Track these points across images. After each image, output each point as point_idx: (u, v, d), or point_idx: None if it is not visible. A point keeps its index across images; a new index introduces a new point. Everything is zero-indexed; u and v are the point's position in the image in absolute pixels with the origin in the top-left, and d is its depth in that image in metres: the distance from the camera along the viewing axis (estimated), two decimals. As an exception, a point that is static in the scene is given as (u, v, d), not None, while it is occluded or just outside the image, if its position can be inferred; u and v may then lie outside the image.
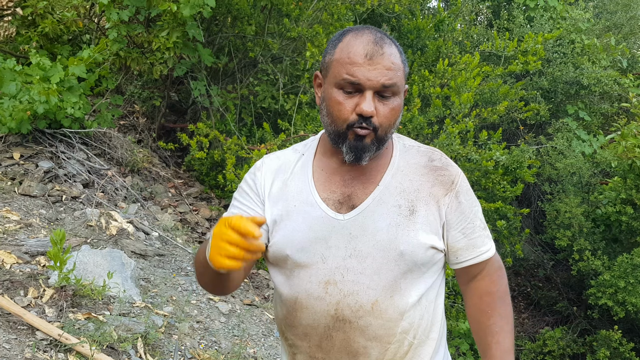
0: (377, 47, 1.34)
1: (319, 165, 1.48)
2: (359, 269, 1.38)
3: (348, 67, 1.33)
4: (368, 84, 1.33)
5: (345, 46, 1.37)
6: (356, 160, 1.38)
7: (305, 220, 1.41)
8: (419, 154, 1.49)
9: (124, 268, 3.53)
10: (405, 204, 1.40)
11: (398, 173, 1.44)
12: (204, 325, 3.65)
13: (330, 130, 1.40)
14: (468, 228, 1.45)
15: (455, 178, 1.45)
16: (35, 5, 5.63)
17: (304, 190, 1.45)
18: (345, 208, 1.41)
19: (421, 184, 1.43)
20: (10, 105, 4.39)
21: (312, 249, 1.40)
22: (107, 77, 5.43)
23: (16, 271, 3.12)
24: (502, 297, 1.49)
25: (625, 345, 5.54)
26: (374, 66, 1.33)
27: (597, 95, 7.04)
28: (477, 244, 1.46)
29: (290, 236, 1.42)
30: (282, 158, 1.54)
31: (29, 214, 3.98)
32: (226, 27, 6.03)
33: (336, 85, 1.36)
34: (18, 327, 2.70)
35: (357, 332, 1.38)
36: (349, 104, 1.35)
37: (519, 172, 5.58)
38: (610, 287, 5.40)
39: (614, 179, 5.86)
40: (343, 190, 1.43)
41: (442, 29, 6.61)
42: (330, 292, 1.38)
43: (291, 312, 1.44)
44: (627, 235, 5.93)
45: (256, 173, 1.52)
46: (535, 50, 5.83)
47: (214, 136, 5.31)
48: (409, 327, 1.40)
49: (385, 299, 1.38)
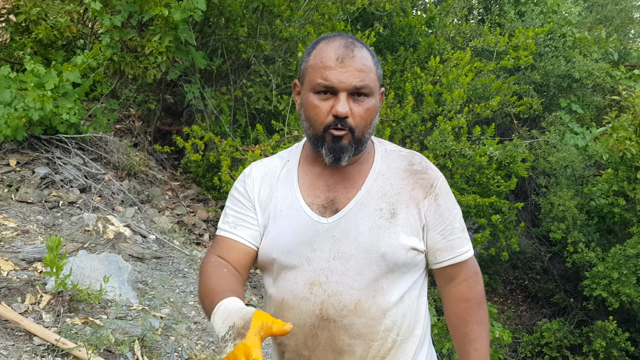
0: (347, 50, 1.40)
1: (303, 171, 1.54)
2: (343, 270, 1.43)
3: (321, 72, 1.40)
4: (341, 86, 1.39)
5: (318, 52, 1.44)
6: (335, 161, 1.43)
7: (290, 225, 1.47)
8: (399, 158, 1.55)
9: (120, 272, 3.58)
10: (387, 207, 1.45)
11: (379, 177, 1.50)
12: (201, 326, 3.70)
13: (310, 134, 1.46)
14: (447, 230, 1.50)
15: (435, 181, 1.51)
16: (29, 12, 5.67)
17: (289, 195, 1.51)
18: (329, 212, 1.47)
19: (402, 187, 1.48)
20: (6, 112, 4.44)
21: (297, 252, 1.45)
22: (101, 82, 5.48)
23: (13, 278, 3.17)
24: (478, 303, 1.55)
25: (621, 335, 5.59)
26: (345, 69, 1.39)
27: (590, 88, 7.09)
28: (455, 245, 1.51)
29: (277, 240, 1.48)
30: (269, 165, 1.60)
31: (26, 221, 4.02)
32: (219, 29, 6.07)
33: (312, 90, 1.42)
34: (15, 334, 2.76)
35: (341, 330, 1.43)
36: (324, 107, 1.41)
37: (513, 166, 5.62)
38: (604, 278, 5.45)
39: (606, 171, 5.90)
40: (327, 195, 1.49)
41: (434, 26, 6.64)
42: (315, 292, 1.43)
43: (278, 313, 1.49)
44: (621, 226, 5.98)
45: (246, 180, 1.58)
46: (526, 45, 5.86)
47: (209, 138, 5.36)
48: (392, 325, 1.46)
49: (368, 299, 1.43)
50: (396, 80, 6.10)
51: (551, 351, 6.15)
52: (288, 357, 1.52)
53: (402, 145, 5.61)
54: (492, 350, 5.04)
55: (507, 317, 6.93)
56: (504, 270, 7.60)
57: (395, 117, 5.45)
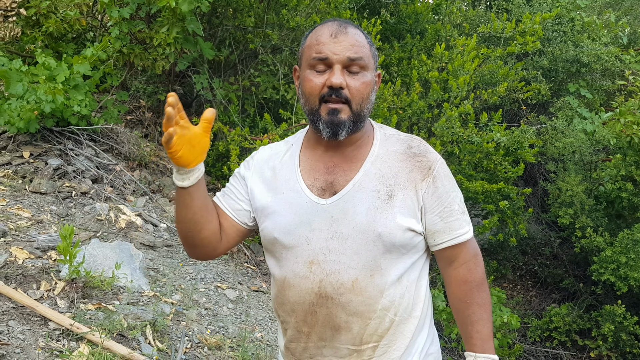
0: (341, 27, 1.47)
1: (305, 155, 1.60)
2: (340, 249, 1.48)
3: (316, 47, 1.47)
4: (335, 57, 1.44)
5: (313, 33, 1.52)
6: (333, 135, 1.48)
7: (291, 206, 1.53)
8: (398, 141, 1.58)
9: (132, 259, 3.67)
10: (384, 189, 1.49)
11: (378, 160, 1.54)
12: (212, 312, 3.78)
13: (307, 109, 1.51)
14: (445, 212, 1.53)
15: (433, 164, 1.53)
16: (39, 5, 5.76)
17: (291, 178, 1.57)
18: (328, 194, 1.52)
19: (399, 169, 1.52)
20: (18, 105, 4.53)
21: (297, 232, 1.51)
22: (111, 73, 5.56)
23: (28, 266, 3.26)
24: (479, 285, 1.57)
25: (629, 319, 5.60)
26: (339, 43, 1.45)
27: (599, 72, 7.05)
28: (453, 227, 1.54)
29: (278, 220, 1.54)
30: (274, 149, 1.67)
31: (40, 211, 4.12)
32: (227, 20, 6.12)
33: (308, 67, 1.48)
34: (32, 319, 2.85)
35: (338, 308, 1.48)
36: (319, 80, 1.46)
37: (520, 152, 5.63)
38: (612, 262, 5.46)
39: (615, 156, 5.89)
40: (326, 178, 1.54)
41: (441, 13, 6.63)
42: (314, 271, 1.49)
43: (281, 291, 1.56)
44: (629, 211, 5.98)
45: (249, 161, 1.66)
46: (533, 31, 5.85)
47: (218, 128, 5.43)
48: (389, 305, 1.50)
49: (365, 278, 1.47)
50: (403, 68, 6.11)
51: (560, 335, 6.18)
52: (290, 334, 1.59)
53: (410, 132, 5.63)
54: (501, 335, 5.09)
55: (516, 302, 6.96)
56: (513, 256, 7.61)
57: (402, 105, 5.47)
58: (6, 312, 2.85)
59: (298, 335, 1.56)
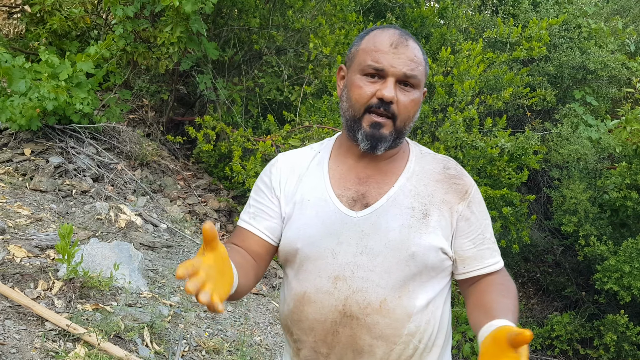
0: (402, 38, 1.40)
1: (334, 162, 1.51)
2: (370, 266, 1.39)
3: (373, 54, 1.38)
4: (391, 70, 1.37)
5: (371, 37, 1.43)
6: (371, 149, 1.41)
7: (318, 215, 1.44)
8: (434, 160, 1.52)
9: (131, 260, 3.64)
10: (419, 207, 1.42)
11: (413, 177, 1.47)
12: (210, 315, 3.75)
13: (348, 115, 1.44)
14: (478, 239, 1.46)
15: (470, 188, 1.48)
16: (43, 3, 5.73)
17: (318, 186, 1.48)
18: (359, 206, 1.43)
19: (435, 189, 1.45)
20: (20, 102, 4.50)
21: (322, 244, 1.42)
22: (114, 72, 5.53)
23: (26, 264, 3.23)
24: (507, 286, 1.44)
25: (632, 329, 5.56)
26: (398, 55, 1.38)
27: (605, 79, 7.00)
28: (485, 256, 1.47)
29: (302, 230, 1.44)
30: (298, 155, 1.57)
31: (39, 209, 4.09)
32: (232, 20, 6.09)
33: (360, 72, 1.41)
34: (28, 318, 2.82)
35: (363, 329, 1.39)
36: (369, 89, 1.39)
37: (524, 158, 5.58)
38: (616, 271, 5.41)
39: (620, 164, 5.85)
40: (357, 188, 1.46)
41: (447, 17, 6.60)
42: (339, 287, 1.39)
43: (298, 307, 1.45)
44: (634, 220, 5.93)
45: (272, 170, 1.55)
46: (539, 36, 5.81)
47: (221, 128, 5.40)
48: (415, 330, 1.41)
49: (394, 299, 1.39)
50: (408, 72, 6.06)
51: (562, 344, 6.14)
52: (304, 355, 1.48)
53: (413, 136, 5.60)
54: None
55: (518, 309, 6.91)
56: (516, 263, 7.56)
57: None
58: (2, 311, 2.82)
59: (315, 356, 1.46)
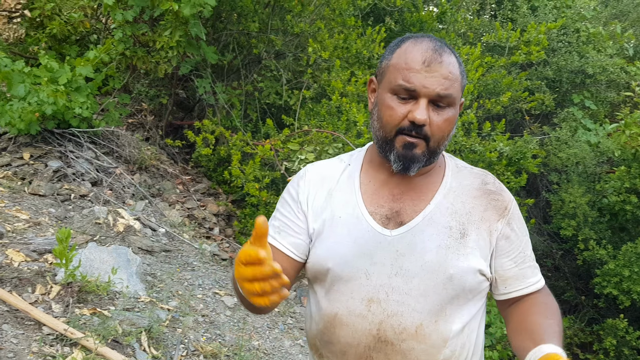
0: (436, 54, 1.31)
1: (366, 177, 1.45)
2: (405, 289, 1.34)
3: (404, 73, 1.31)
4: (423, 91, 1.29)
5: (403, 52, 1.34)
6: (404, 170, 1.35)
7: (350, 233, 1.38)
8: (472, 175, 1.46)
9: (129, 264, 3.64)
10: (457, 226, 1.37)
11: (450, 193, 1.41)
12: (209, 319, 3.74)
13: (379, 135, 1.37)
14: (519, 257, 1.40)
15: (509, 204, 1.42)
16: (43, 7, 5.76)
17: (350, 201, 1.42)
18: (393, 224, 1.38)
19: (473, 207, 1.40)
20: (20, 107, 4.51)
21: (355, 264, 1.36)
22: (114, 76, 5.54)
23: (24, 269, 3.23)
24: (550, 306, 1.39)
25: (632, 334, 5.54)
26: (431, 73, 1.30)
27: (604, 84, 7.01)
28: (527, 275, 1.41)
29: (333, 249, 1.38)
30: (327, 168, 1.51)
31: (38, 213, 4.09)
32: (231, 24, 6.11)
33: (390, 91, 1.34)
34: (25, 323, 2.82)
35: (398, 355, 1.34)
36: (401, 110, 1.32)
37: (523, 162, 5.58)
38: (615, 276, 5.41)
39: (620, 169, 5.85)
40: (391, 205, 1.40)
41: (445, 21, 6.61)
42: (374, 310, 1.34)
43: (329, 328, 1.39)
44: (633, 224, 5.93)
45: (299, 183, 1.48)
46: (538, 41, 5.82)
47: (220, 133, 5.40)
48: (450, 355, 1.36)
49: (430, 324, 1.33)
50: (407, 76, 6.08)
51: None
52: None
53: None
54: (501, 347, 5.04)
55: (517, 313, 6.89)
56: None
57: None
58: (0, 315, 2.82)
59: None
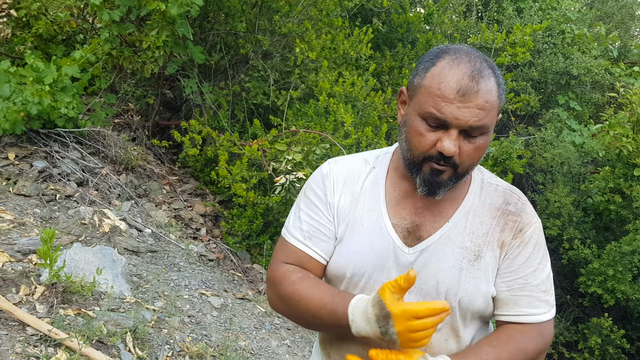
0: (472, 83, 1.23)
1: (391, 184, 1.43)
2: None
3: (436, 101, 1.23)
4: (455, 122, 1.23)
5: (437, 74, 1.26)
6: (430, 194, 1.33)
7: (372, 245, 1.37)
8: (496, 193, 1.42)
9: (114, 265, 3.62)
10: (472, 247, 1.36)
11: (470, 212, 1.39)
12: (195, 320, 3.74)
13: (406, 157, 1.34)
14: (517, 283, 1.37)
15: (526, 227, 1.38)
16: (29, 7, 5.71)
17: (374, 209, 1.40)
18: (412, 238, 1.37)
19: (491, 227, 1.37)
20: (4, 106, 4.48)
21: (373, 276, 1.37)
22: (100, 76, 5.51)
23: (8, 269, 3.21)
24: (519, 346, 1.34)
25: (616, 332, 5.61)
26: (465, 104, 1.22)
27: (588, 85, 7.08)
28: (520, 303, 1.37)
29: (354, 258, 1.38)
30: (351, 167, 1.47)
31: (23, 214, 4.07)
32: (218, 24, 6.10)
33: (420, 115, 1.27)
34: (9, 324, 2.80)
35: None
36: (430, 137, 1.27)
37: (509, 163, 5.63)
38: (600, 275, 5.47)
39: (604, 169, 5.92)
40: (413, 219, 1.39)
41: (432, 22, 6.65)
42: None
43: (341, 334, 1.39)
44: (617, 224, 6.00)
45: (325, 182, 1.45)
46: (523, 42, 5.87)
47: (207, 133, 5.40)
48: None
49: (440, 342, 1.36)
50: (394, 77, 6.12)
51: (546, 347, 6.17)
52: None
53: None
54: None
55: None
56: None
57: (392, 113, 5.47)
58: (-17, 316, 2.80)
59: None
